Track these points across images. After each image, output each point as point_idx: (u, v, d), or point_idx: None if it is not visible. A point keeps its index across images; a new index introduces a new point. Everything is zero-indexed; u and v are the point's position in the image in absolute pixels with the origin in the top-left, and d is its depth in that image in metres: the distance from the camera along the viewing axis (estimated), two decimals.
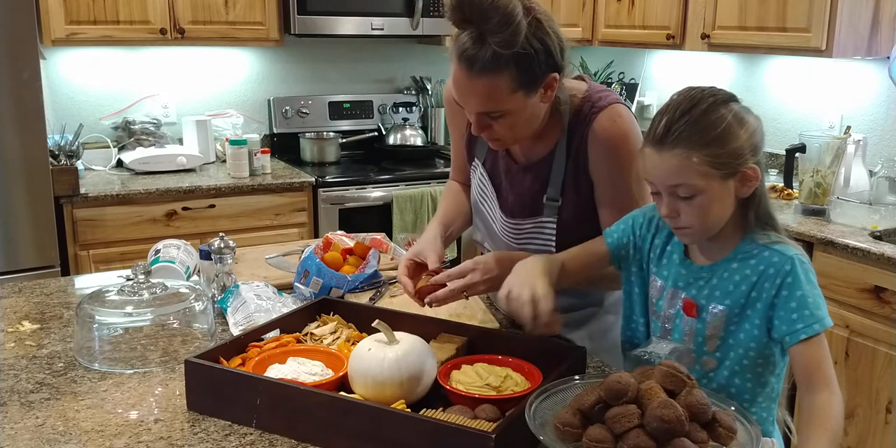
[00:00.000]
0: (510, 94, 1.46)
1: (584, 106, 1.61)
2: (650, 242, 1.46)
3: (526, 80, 1.45)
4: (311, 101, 4.07)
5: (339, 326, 1.66)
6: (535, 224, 1.70)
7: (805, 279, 1.30)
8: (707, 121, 1.26)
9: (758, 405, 1.39)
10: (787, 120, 3.55)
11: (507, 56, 1.41)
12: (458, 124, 1.83)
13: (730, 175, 1.28)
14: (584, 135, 1.60)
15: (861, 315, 2.52)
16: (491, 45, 1.40)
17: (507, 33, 1.39)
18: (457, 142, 1.89)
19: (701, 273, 1.38)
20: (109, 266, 3.12)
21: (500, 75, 1.43)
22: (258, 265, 2.17)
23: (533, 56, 1.43)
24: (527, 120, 1.54)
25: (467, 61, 1.43)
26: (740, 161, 1.27)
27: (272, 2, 3.58)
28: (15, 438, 1.32)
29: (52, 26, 3.20)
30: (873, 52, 2.98)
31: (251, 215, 3.43)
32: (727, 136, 1.26)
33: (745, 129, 1.27)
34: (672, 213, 1.31)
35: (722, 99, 1.29)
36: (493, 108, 1.49)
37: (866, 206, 2.70)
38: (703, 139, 1.25)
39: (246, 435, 1.34)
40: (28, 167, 2.94)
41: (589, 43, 4.06)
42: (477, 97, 1.48)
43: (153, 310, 1.62)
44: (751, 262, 1.33)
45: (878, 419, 2.51)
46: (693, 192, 1.27)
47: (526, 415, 1.19)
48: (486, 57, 1.40)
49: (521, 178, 1.71)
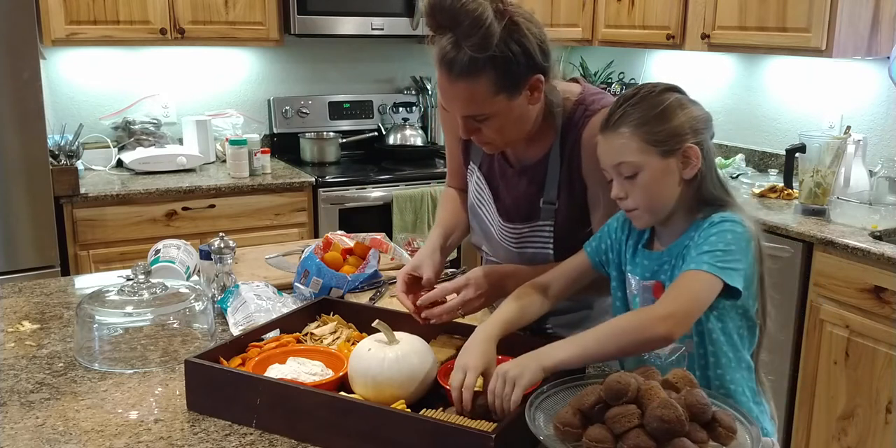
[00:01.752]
0: (492, 96, 1.46)
1: (577, 109, 1.62)
2: (624, 244, 1.49)
3: (507, 83, 1.46)
4: (311, 101, 4.07)
5: (339, 326, 1.66)
6: (531, 228, 1.70)
7: (718, 231, 1.32)
8: (646, 103, 1.35)
9: (732, 373, 1.38)
10: (787, 120, 3.55)
11: (484, 59, 1.42)
12: (452, 129, 1.83)
13: (668, 153, 1.34)
14: (578, 138, 1.60)
15: (861, 315, 2.52)
16: (465, 49, 1.41)
17: (479, 36, 1.40)
18: (452, 147, 1.88)
19: (662, 258, 1.41)
20: (109, 266, 3.12)
21: (478, 78, 1.44)
22: (258, 265, 2.17)
23: (511, 58, 1.44)
24: (515, 122, 1.54)
25: (447, 65, 1.44)
26: (678, 139, 1.34)
27: (272, 2, 3.58)
28: (15, 438, 1.32)
29: (52, 26, 3.20)
30: (873, 52, 2.98)
31: (251, 215, 3.43)
32: (665, 115, 1.34)
33: (685, 112, 1.35)
34: (620, 193, 1.38)
35: (665, 88, 1.38)
36: (477, 112, 1.49)
37: (866, 206, 2.70)
38: (641, 118, 1.33)
39: (246, 435, 1.34)
40: (28, 167, 2.94)
41: (589, 43, 4.06)
42: (459, 101, 1.49)
43: (153, 310, 1.62)
44: (691, 234, 1.37)
45: (878, 419, 2.51)
46: (634, 170, 1.34)
47: (526, 415, 1.19)
48: (463, 61, 1.42)
49: (517, 181, 1.71)
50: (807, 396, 2.71)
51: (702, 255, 1.30)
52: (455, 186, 1.93)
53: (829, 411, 2.65)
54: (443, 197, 1.97)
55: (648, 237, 1.46)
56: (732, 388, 1.38)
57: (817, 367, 2.67)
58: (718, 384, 1.38)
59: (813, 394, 2.69)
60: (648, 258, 1.44)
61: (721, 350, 1.37)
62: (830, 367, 2.62)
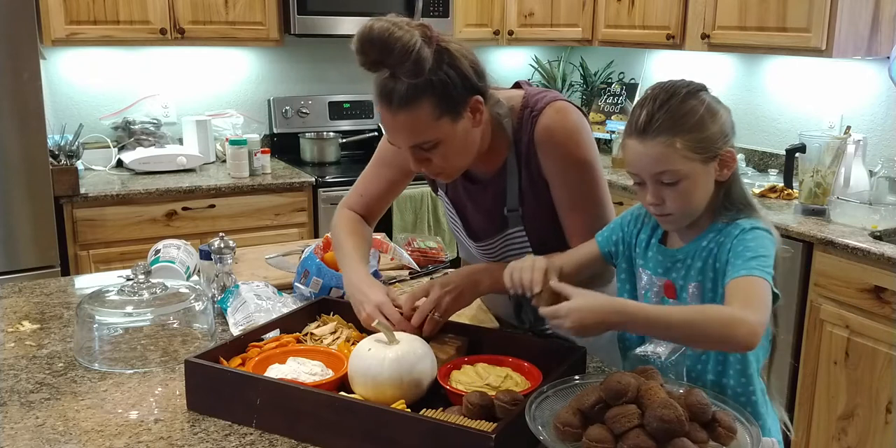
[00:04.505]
0: (435, 121, 1.46)
1: (524, 113, 1.62)
2: (636, 237, 1.49)
3: (447, 107, 1.46)
4: (311, 101, 4.07)
5: (339, 326, 1.66)
6: (503, 239, 1.72)
7: (752, 237, 1.32)
8: (685, 108, 1.32)
9: (737, 380, 1.39)
10: (787, 120, 3.55)
11: (421, 85, 1.42)
12: (388, 160, 1.79)
13: (710, 159, 1.34)
14: (530, 140, 1.61)
15: (861, 315, 2.52)
16: (402, 78, 1.42)
17: (411, 62, 1.40)
18: (376, 175, 1.83)
19: (677, 256, 1.41)
20: (109, 266, 3.12)
21: (419, 105, 1.44)
22: (258, 265, 2.17)
23: (447, 81, 1.44)
24: (462, 147, 1.53)
25: (386, 98, 1.45)
26: (718, 145, 1.33)
27: (272, 2, 3.58)
28: (15, 438, 1.32)
29: (52, 26, 3.20)
30: (873, 52, 2.98)
31: (251, 215, 3.43)
32: (705, 121, 1.32)
33: (718, 115, 1.35)
34: (657, 200, 1.36)
35: (695, 88, 1.36)
36: (423, 139, 1.49)
37: (866, 206, 2.70)
38: (683, 126, 1.31)
39: (246, 435, 1.34)
40: (28, 167, 2.94)
41: (589, 43, 4.06)
42: (404, 132, 1.49)
43: (153, 310, 1.62)
44: (716, 238, 1.37)
45: (878, 419, 2.51)
46: (678, 178, 1.33)
47: (526, 415, 1.19)
48: (401, 90, 1.43)
49: (483, 196, 1.72)
50: (807, 396, 2.71)
51: (749, 261, 1.29)
52: (358, 210, 1.85)
53: (829, 411, 2.65)
54: (343, 220, 1.83)
55: (663, 232, 1.46)
56: (750, 389, 1.38)
57: (817, 367, 2.67)
58: (734, 384, 1.38)
59: (813, 394, 2.69)
60: (663, 254, 1.44)
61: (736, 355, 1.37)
62: (830, 367, 2.62)
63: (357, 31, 1.44)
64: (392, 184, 1.84)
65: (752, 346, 1.22)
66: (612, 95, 4.23)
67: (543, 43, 4.26)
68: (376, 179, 1.85)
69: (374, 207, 1.86)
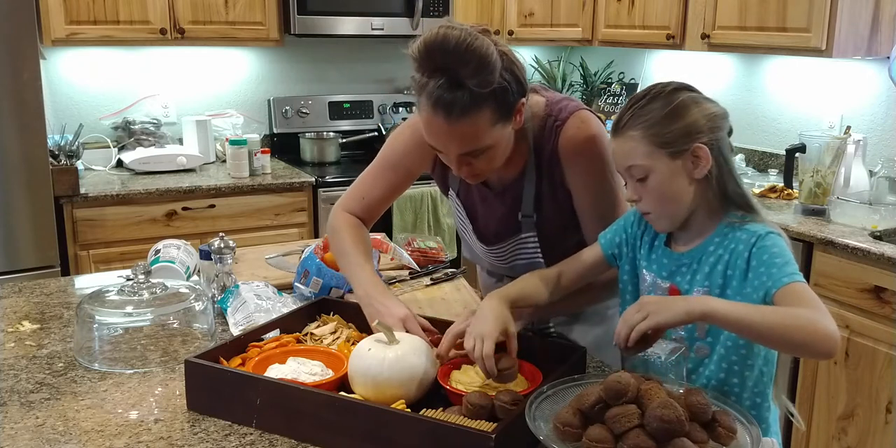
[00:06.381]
0: (491, 127, 1.44)
1: (546, 121, 1.60)
2: (640, 239, 1.49)
3: (503, 112, 1.45)
4: (311, 101, 4.07)
5: (339, 326, 1.66)
6: (515, 243, 1.71)
7: (772, 244, 1.32)
8: (655, 104, 1.33)
9: (749, 390, 1.39)
10: (787, 120, 3.55)
11: (486, 94, 1.39)
12: (398, 163, 1.75)
13: (677, 154, 1.32)
14: (554, 149, 1.60)
15: (861, 315, 2.52)
16: (469, 87, 1.38)
17: (486, 73, 1.37)
18: (383, 177, 1.79)
19: (682, 260, 1.41)
20: (109, 266, 3.12)
21: (481, 114, 1.41)
22: (258, 265, 2.17)
23: (507, 88, 1.42)
24: (504, 149, 1.53)
25: (444, 108, 1.40)
26: (687, 139, 1.32)
27: (272, 2, 3.58)
28: (15, 438, 1.32)
29: (52, 26, 3.20)
30: (873, 52, 2.98)
31: (251, 215, 3.43)
32: (674, 115, 1.32)
33: (699, 109, 1.33)
34: (633, 195, 1.37)
35: (676, 87, 1.36)
36: (477, 146, 1.46)
37: (866, 206, 2.70)
38: (649, 120, 1.32)
39: (246, 435, 1.34)
40: (28, 167, 2.93)
41: (589, 43, 4.06)
42: (460, 140, 1.45)
43: (153, 310, 1.62)
44: (723, 243, 1.36)
45: (878, 419, 2.51)
46: (644, 173, 1.34)
47: (526, 415, 1.19)
48: (464, 100, 1.39)
49: (498, 200, 1.71)
50: (807, 396, 2.71)
51: (783, 267, 1.28)
52: (359, 214, 1.81)
53: (829, 411, 2.65)
54: (343, 225, 1.78)
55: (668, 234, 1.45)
56: (757, 390, 1.38)
57: (817, 367, 2.67)
58: (750, 385, 1.38)
59: (813, 394, 2.69)
60: (668, 257, 1.43)
61: (748, 352, 1.37)
62: (830, 367, 2.62)
63: (424, 37, 1.39)
64: (395, 187, 1.81)
65: (831, 356, 1.23)
66: (612, 95, 4.23)
67: (543, 43, 4.26)
68: (380, 182, 1.81)
69: (374, 210, 1.83)
